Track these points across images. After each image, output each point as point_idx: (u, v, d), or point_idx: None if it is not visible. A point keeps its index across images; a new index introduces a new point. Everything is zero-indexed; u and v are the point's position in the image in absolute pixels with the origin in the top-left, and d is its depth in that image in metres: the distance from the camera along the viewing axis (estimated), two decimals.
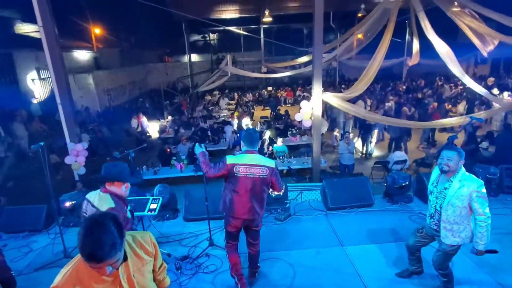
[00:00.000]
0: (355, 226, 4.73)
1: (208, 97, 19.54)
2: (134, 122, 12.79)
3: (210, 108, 17.20)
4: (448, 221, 2.88)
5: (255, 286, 3.61)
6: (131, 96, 22.11)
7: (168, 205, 5.19)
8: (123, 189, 2.62)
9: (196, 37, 25.15)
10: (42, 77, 13.95)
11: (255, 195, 3.20)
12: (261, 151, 9.51)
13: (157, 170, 8.45)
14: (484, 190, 2.77)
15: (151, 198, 3.65)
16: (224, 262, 3.99)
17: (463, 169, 2.86)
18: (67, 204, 5.06)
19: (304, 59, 16.24)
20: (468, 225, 2.87)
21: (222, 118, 14.50)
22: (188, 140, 10.10)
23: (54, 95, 6.73)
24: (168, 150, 9.64)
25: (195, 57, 25.41)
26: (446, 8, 9.81)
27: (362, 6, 14.46)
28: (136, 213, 3.67)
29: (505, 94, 11.82)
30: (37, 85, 13.68)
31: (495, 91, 13.47)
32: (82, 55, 18.87)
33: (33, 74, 13.54)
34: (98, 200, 2.58)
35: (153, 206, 3.59)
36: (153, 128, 13.13)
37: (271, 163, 3.27)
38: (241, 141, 3.47)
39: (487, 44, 10.13)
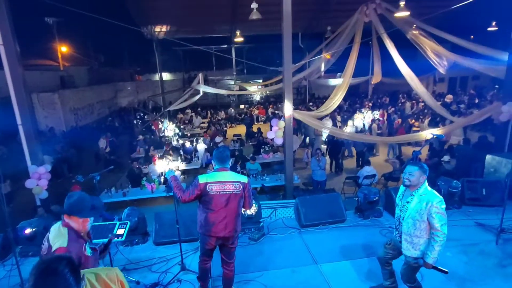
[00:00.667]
0: (329, 242, 4.74)
1: (180, 116, 19.36)
2: (102, 142, 12.34)
3: (182, 126, 17.03)
4: (409, 233, 2.97)
5: None
6: (100, 115, 21.48)
7: (137, 229, 4.96)
8: (81, 225, 2.28)
9: (167, 56, 25.11)
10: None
11: (230, 211, 3.20)
12: (234, 169, 9.47)
13: (126, 191, 8.10)
14: (443, 207, 2.86)
15: (118, 223, 3.47)
16: (196, 287, 3.86)
17: (426, 184, 2.96)
18: (27, 231, 4.71)
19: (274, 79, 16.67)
20: (428, 240, 2.95)
21: (195, 137, 14.36)
22: (160, 159, 9.87)
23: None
24: (137, 166, 9.36)
25: (166, 76, 25.28)
26: (405, 31, 10.47)
27: (329, 27, 15.10)
28: (101, 240, 3.48)
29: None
30: None
31: (454, 107, 14.36)
32: (47, 74, 18.20)
33: None
34: (54, 235, 2.23)
35: (120, 231, 3.41)
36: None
37: (244, 178, 3.30)
38: (212, 160, 3.47)
39: (443, 63, 10.86)
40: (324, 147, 11.36)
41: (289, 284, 3.88)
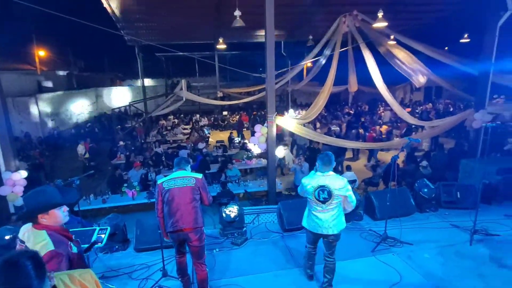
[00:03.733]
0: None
1: (163, 122, 19.15)
2: (81, 148, 12.02)
3: (164, 132, 16.83)
4: None
5: None
6: (79, 121, 20.97)
7: (117, 235, 4.86)
8: (61, 216, 2.11)
9: (150, 62, 24.90)
10: None
11: (185, 203, 3.42)
12: (219, 177, 9.45)
13: (106, 198, 7.87)
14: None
15: (97, 229, 3.39)
16: None
17: None
18: (7, 237, 4.53)
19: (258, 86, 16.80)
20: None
21: (177, 143, 14.21)
22: (141, 165, 9.70)
23: None
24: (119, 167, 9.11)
25: (148, 82, 25.01)
26: (381, 43, 10.77)
27: (310, 36, 15.40)
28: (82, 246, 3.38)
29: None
30: None
31: (432, 114, 14.91)
32: (24, 78, 17.66)
33: None
34: (33, 240, 2.02)
35: (99, 238, 3.33)
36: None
37: (197, 175, 3.60)
38: (175, 166, 3.72)
39: (419, 77, 11.23)
40: None
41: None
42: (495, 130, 8.05)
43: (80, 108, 21.52)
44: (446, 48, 16.19)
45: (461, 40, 16.28)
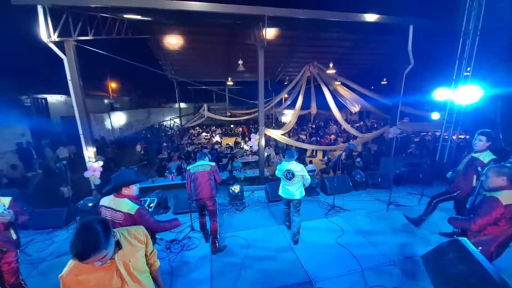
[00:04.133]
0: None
1: (191, 131, 19.05)
2: (138, 147, 11.89)
3: (192, 138, 16.70)
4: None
5: (222, 255, 3.43)
6: (137, 129, 20.71)
7: (161, 204, 4.83)
8: (135, 189, 2.12)
9: (183, 92, 24.57)
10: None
11: (204, 181, 3.46)
12: (226, 167, 9.43)
13: (154, 179, 7.84)
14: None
15: (148, 199, 3.37)
16: (201, 242, 3.77)
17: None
18: (90, 204, 4.49)
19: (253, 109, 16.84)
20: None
21: (200, 145, 14.13)
22: (178, 159, 9.64)
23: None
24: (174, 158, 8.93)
25: (182, 105, 24.68)
26: (329, 83, 10.89)
27: (287, 78, 15.54)
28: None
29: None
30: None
31: (363, 128, 15.00)
32: (101, 101, 17.46)
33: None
34: (121, 205, 2.00)
35: (151, 204, 3.31)
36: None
37: (212, 163, 3.60)
38: (198, 158, 3.73)
39: (355, 106, 11.39)
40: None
41: (260, 238, 3.87)
42: (402, 139, 8.20)
43: (137, 121, 21.28)
44: (372, 87, 16.44)
45: (382, 82, 16.55)
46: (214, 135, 17.74)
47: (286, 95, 13.96)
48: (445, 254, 1.69)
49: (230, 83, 15.88)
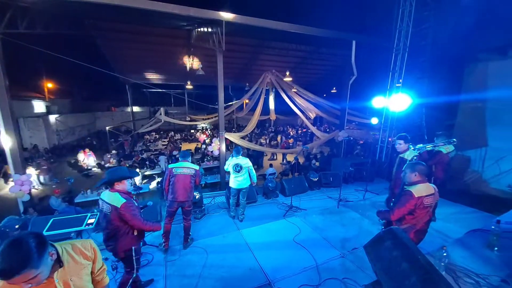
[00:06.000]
0: (247, 215, 4.72)
1: (147, 136, 17.64)
2: (80, 156, 10.41)
3: (148, 144, 15.47)
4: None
5: (179, 268, 3.20)
6: (80, 136, 18.15)
7: None
8: (127, 184, 2.28)
9: (137, 94, 22.52)
10: None
11: (185, 184, 3.42)
12: None
13: (100, 191, 6.92)
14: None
15: (89, 214, 2.94)
16: (154, 256, 3.45)
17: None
18: (17, 226, 3.69)
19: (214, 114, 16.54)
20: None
21: (158, 151, 13.16)
22: (129, 167, 8.74)
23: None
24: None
25: (136, 108, 22.66)
26: (288, 90, 11.45)
27: (247, 83, 15.75)
28: (75, 228, 2.89)
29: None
30: None
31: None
32: (35, 104, 14.83)
33: None
34: (111, 199, 2.19)
35: (91, 220, 2.89)
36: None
37: (196, 167, 3.59)
38: (180, 157, 3.68)
39: (310, 112, 12.20)
40: None
41: (220, 244, 3.75)
42: (348, 142, 9.07)
43: (80, 126, 18.70)
44: (325, 95, 17.86)
45: (332, 91, 18.14)
46: (172, 141, 16.78)
47: (247, 100, 14.10)
48: (383, 242, 1.88)
49: (189, 86, 15.27)
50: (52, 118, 15.05)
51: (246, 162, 4.17)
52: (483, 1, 5.00)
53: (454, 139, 3.63)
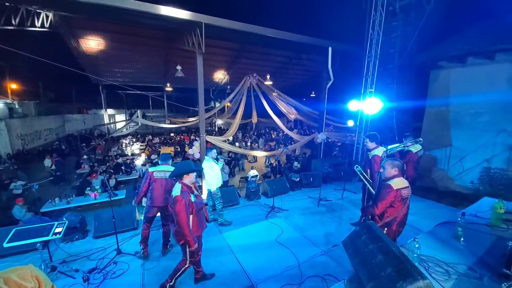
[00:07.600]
0: (229, 218, 4.63)
1: (122, 140, 16.70)
2: (47, 161, 9.55)
3: (124, 148, 14.64)
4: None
5: (157, 274, 3.02)
6: (47, 140, 16.66)
7: (78, 227, 3.93)
8: (193, 177, 2.51)
9: (112, 96, 21.24)
10: None
11: (166, 189, 3.26)
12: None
13: (70, 200, 6.37)
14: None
15: (56, 223, 2.67)
16: (130, 265, 3.22)
17: None
18: None
19: (195, 118, 16.22)
20: None
21: (133, 157, 12.49)
22: (103, 172, 8.20)
23: None
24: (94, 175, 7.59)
25: (111, 111, 21.41)
26: (269, 94, 11.59)
27: (228, 86, 15.68)
28: (41, 238, 2.60)
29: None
30: None
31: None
32: None
33: None
34: (175, 190, 2.41)
35: (58, 229, 2.62)
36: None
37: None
38: (160, 160, 3.53)
39: (292, 114, 12.42)
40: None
41: (202, 249, 3.57)
42: (327, 143, 9.36)
43: (48, 130, 17.19)
44: (304, 99, 18.37)
45: (311, 95, 18.72)
46: (151, 144, 16.08)
47: (229, 104, 14.00)
48: (359, 237, 1.93)
49: (169, 89, 14.83)
50: (16, 121, 13.67)
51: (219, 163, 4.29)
52: (445, 13, 5.49)
53: (421, 139, 3.90)
